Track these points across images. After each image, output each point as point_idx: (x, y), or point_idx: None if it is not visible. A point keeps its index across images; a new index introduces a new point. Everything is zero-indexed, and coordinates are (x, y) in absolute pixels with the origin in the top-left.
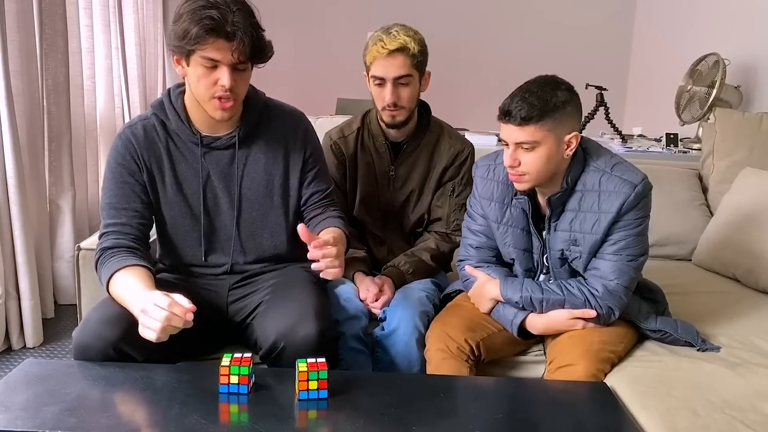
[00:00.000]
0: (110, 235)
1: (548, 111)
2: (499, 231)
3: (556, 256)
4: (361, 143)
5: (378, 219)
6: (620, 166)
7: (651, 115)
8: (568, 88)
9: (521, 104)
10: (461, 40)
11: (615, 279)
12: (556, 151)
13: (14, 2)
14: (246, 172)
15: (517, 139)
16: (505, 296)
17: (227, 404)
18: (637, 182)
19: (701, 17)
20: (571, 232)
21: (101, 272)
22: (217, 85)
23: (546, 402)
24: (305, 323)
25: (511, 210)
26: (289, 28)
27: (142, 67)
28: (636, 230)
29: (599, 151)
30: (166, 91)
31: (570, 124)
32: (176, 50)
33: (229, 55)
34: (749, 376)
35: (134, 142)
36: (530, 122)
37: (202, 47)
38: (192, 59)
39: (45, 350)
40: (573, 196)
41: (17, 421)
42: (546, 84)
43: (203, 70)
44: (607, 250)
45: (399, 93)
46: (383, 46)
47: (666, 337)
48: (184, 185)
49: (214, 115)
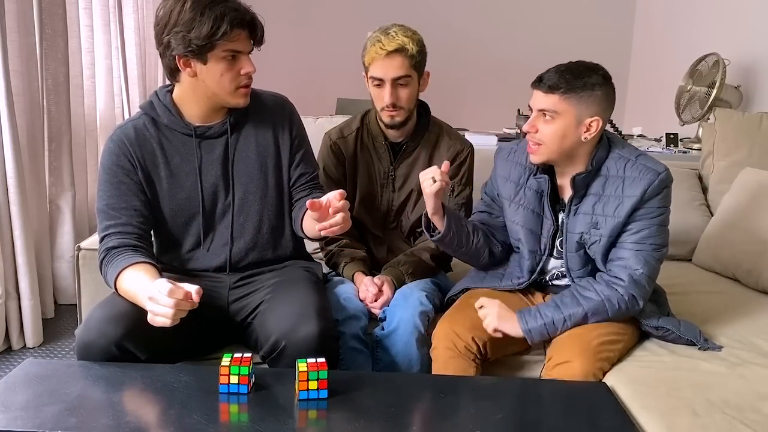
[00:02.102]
0: (113, 235)
1: (576, 87)
2: (510, 208)
3: (574, 240)
4: (360, 143)
5: (378, 219)
6: (644, 156)
7: (651, 115)
8: (605, 75)
9: (554, 74)
10: (461, 40)
11: (640, 268)
12: (574, 130)
13: (14, 2)
14: (239, 156)
15: (540, 105)
16: (525, 330)
17: (227, 404)
18: (661, 171)
19: (701, 17)
20: (593, 215)
21: (107, 272)
22: (241, 75)
23: (546, 402)
24: (306, 323)
25: (525, 191)
26: (289, 28)
27: (142, 67)
28: (658, 219)
29: (623, 142)
30: (153, 92)
31: (595, 108)
32: (194, 51)
33: (249, 44)
34: (749, 376)
35: (126, 142)
36: (556, 91)
37: (231, 41)
38: (211, 56)
39: (45, 350)
40: (597, 180)
41: (17, 421)
42: (584, 65)
43: (226, 63)
44: (629, 239)
45: (398, 93)
46: (381, 47)
47: (668, 334)
48: (180, 178)
49: (238, 104)
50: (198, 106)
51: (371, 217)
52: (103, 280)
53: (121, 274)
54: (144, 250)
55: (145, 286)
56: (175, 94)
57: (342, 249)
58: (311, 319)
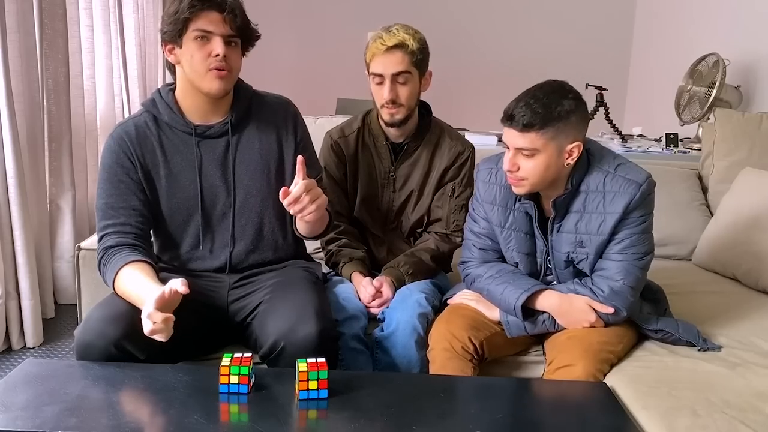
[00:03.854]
0: (111, 235)
1: (551, 120)
2: (503, 235)
3: (562, 258)
4: (361, 143)
5: (378, 219)
6: (624, 166)
7: (651, 115)
8: (576, 97)
9: (525, 110)
10: (461, 40)
11: (621, 279)
12: (557, 160)
13: (14, 2)
14: (241, 158)
15: (518, 145)
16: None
17: (227, 404)
18: (642, 181)
19: (701, 17)
20: (576, 233)
21: (106, 271)
22: (211, 57)
23: (546, 402)
24: (305, 323)
25: (514, 214)
26: (289, 28)
27: (142, 67)
28: (640, 228)
29: (602, 152)
30: (155, 90)
31: (573, 133)
32: (169, 32)
33: (222, 26)
34: (749, 376)
35: (127, 139)
36: (532, 129)
37: (195, 19)
38: (185, 38)
39: (45, 350)
40: (577, 197)
41: (17, 421)
42: (553, 91)
43: (197, 44)
44: (612, 250)
45: (397, 90)
46: (382, 42)
47: (667, 337)
48: (179, 177)
49: (211, 89)
50: (192, 100)
51: (371, 217)
52: (102, 279)
53: (118, 273)
54: (142, 249)
55: (141, 292)
56: (176, 92)
57: (341, 249)
58: (310, 319)
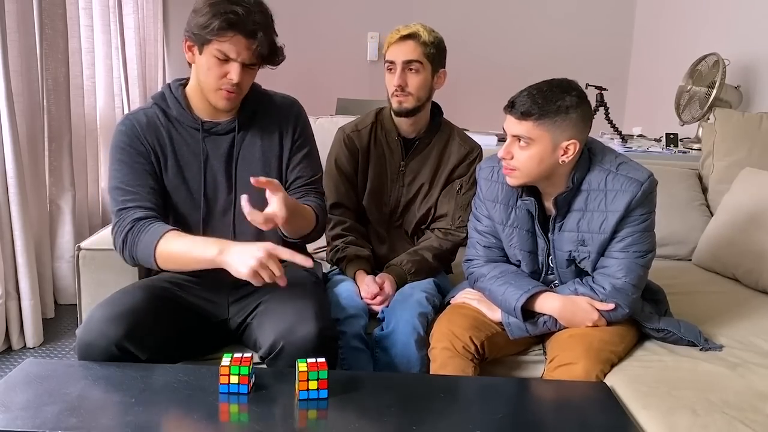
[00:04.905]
0: (134, 209)
1: (549, 112)
2: (505, 233)
3: (563, 257)
4: (374, 137)
5: (383, 215)
6: (625, 165)
7: (651, 115)
8: (579, 95)
9: (526, 99)
10: (461, 40)
11: (623, 276)
12: (551, 155)
13: (14, 2)
14: (243, 155)
15: (514, 132)
16: (505, 323)
17: (227, 404)
18: (644, 180)
19: (701, 17)
20: (578, 232)
21: (140, 240)
22: (225, 79)
23: (546, 402)
24: (304, 323)
25: (516, 212)
26: (289, 28)
27: (142, 67)
28: (642, 226)
29: (604, 150)
30: (166, 84)
31: (570, 131)
32: (193, 37)
33: (245, 52)
34: (749, 376)
35: (138, 126)
36: (529, 118)
37: (220, 40)
38: (206, 49)
39: (45, 350)
40: (579, 195)
41: (17, 421)
42: (557, 86)
43: (215, 61)
44: (614, 248)
45: (407, 78)
46: (397, 32)
47: (669, 336)
48: (185, 169)
49: (217, 105)
50: (200, 100)
51: (377, 213)
52: (127, 254)
53: (164, 235)
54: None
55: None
56: (187, 88)
57: (347, 245)
58: (309, 319)
